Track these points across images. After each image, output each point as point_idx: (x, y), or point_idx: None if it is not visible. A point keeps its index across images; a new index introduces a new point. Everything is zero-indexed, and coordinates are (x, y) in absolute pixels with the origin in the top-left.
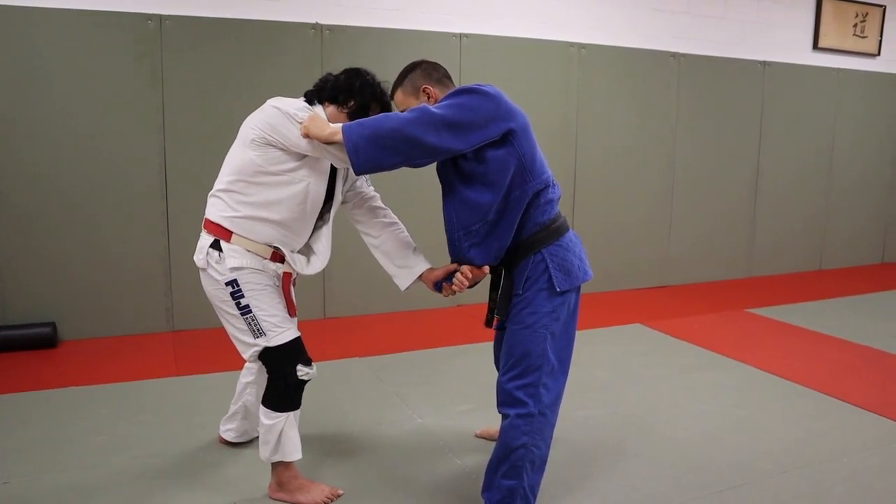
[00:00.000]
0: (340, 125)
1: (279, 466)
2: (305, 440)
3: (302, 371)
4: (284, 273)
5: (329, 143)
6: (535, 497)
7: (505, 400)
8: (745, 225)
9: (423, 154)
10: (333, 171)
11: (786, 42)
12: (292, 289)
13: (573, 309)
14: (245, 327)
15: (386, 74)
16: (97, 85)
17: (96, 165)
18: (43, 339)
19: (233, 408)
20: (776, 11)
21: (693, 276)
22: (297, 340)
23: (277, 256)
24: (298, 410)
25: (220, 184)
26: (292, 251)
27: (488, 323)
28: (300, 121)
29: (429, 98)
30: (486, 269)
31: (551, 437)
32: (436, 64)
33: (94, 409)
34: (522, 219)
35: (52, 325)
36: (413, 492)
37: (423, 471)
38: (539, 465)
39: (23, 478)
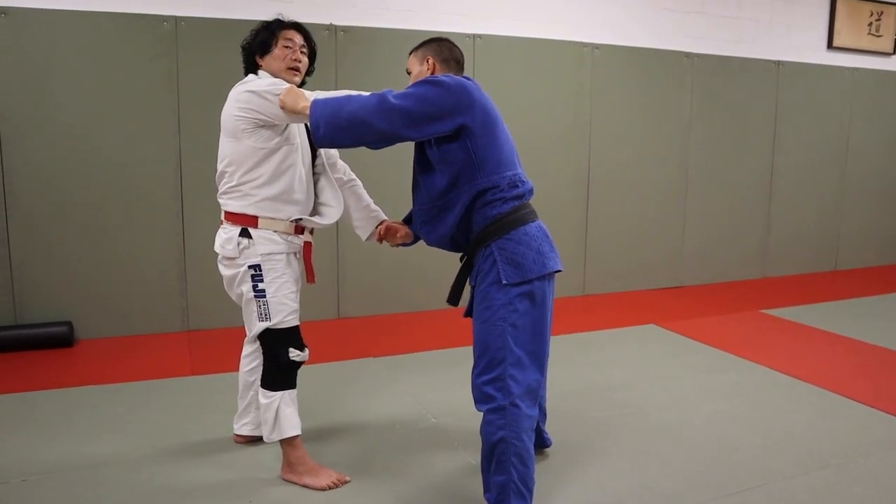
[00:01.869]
0: (311, 100)
1: (286, 447)
2: (319, 437)
3: (293, 353)
4: (305, 243)
5: (302, 114)
6: (529, 490)
7: (477, 397)
8: (760, 225)
9: (376, 138)
10: None
11: (800, 41)
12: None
13: (540, 301)
14: (254, 309)
15: (399, 75)
16: (113, 86)
17: (112, 166)
18: (60, 339)
19: (242, 402)
20: (790, 11)
21: (707, 276)
22: (294, 329)
23: (299, 229)
24: (294, 390)
25: (229, 181)
26: (309, 214)
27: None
28: (277, 93)
29: (428, 69)
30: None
31: (532, 430)
32: (453, 46)
33: (110, 408)
34: (472, 213)
35: (69, 324)
36: (425, 490)
37: (436, 470)
38: (526, 458)
39: (40, 475)
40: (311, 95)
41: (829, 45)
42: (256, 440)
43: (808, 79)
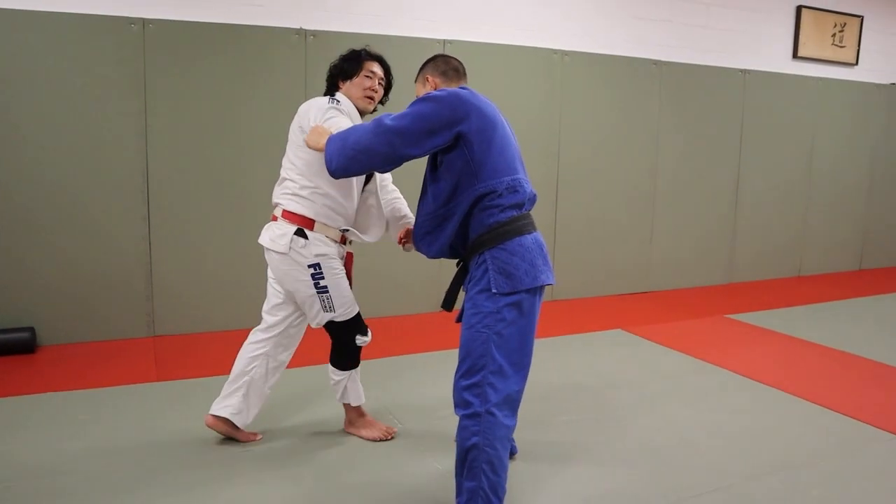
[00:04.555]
0: (328, 137)
1: (348, 408)
2: (286, 441)
3: (360, 339)
4: (348, 253)
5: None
6: (500, 499)
7: (456, 401)
8: (726, 231)
9: (381, 161)
10: None
11: (766, 51)
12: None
13: (528, 312)
14: (318, 303)
15: None
16: (78, 88)
17: (76, 169)
18: (21, 344)
19: (230, 388)
20: (757, 21)
21: (674, 282)
22: (357, 317)
23: (344, 239)
24: (358, 368)
25: (292, 186)
26: (352, 226)
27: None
28: (310, 127)
29: (431, 87)
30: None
31: (507, 439)
32: (448, 58)
33: (73, 415)
34: (469, 219)
35: (31, 329)
36: (391, 494)
37: (403, 474)
38: (498, 467)
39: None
40: (336, 129)
41: (795, 55)
42: (230, 426)
43: (774, 88)
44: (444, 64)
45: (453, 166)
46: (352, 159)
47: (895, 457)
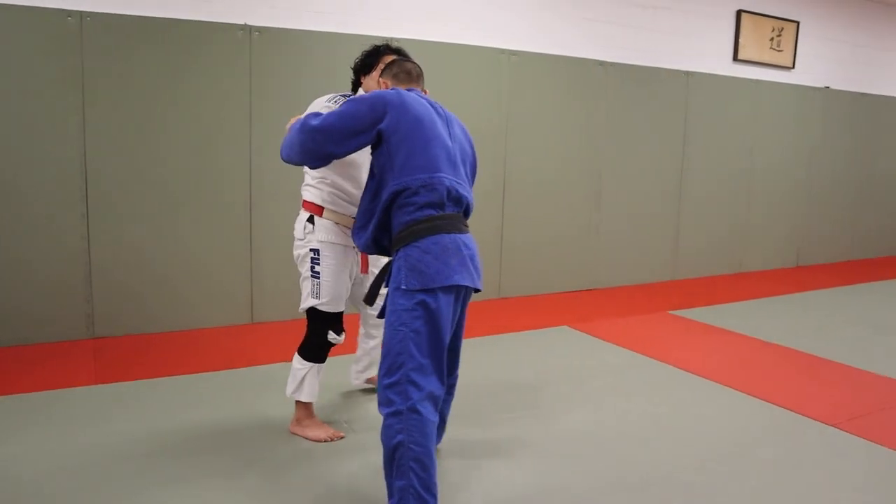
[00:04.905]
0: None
1: (299, 405)
2: (229, 440)
3: (332, 336)
4: None
5: None
6: (433, 494)
7: (380, 399)
8: (670, 230)
9: (311, 157)
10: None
11: (708, 53)
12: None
13: (445, 311)
14: (309, 287)
15: (317, 77)
16: (13, 82)
17: (11, 165)
18: None
19: (359, 365)
20: (699, 24)
21: (620, 279)
22: (338, 315)
23: None
24: (323, 364)
25: (307, 176)
26: None
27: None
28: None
29: (381, 87)
30: None
31: (433, 436)
32: (403, 62)
33: (5, 420)
34: (390, 216)
35: None
36: (334, 493)
37: (345, 473)
38: (427, 463)
39: None
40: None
41: (735, 58)
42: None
43: (716, 89)
44: (397, 67)
45: (378, 163)
46: (293, 151)
47: (827, 444)
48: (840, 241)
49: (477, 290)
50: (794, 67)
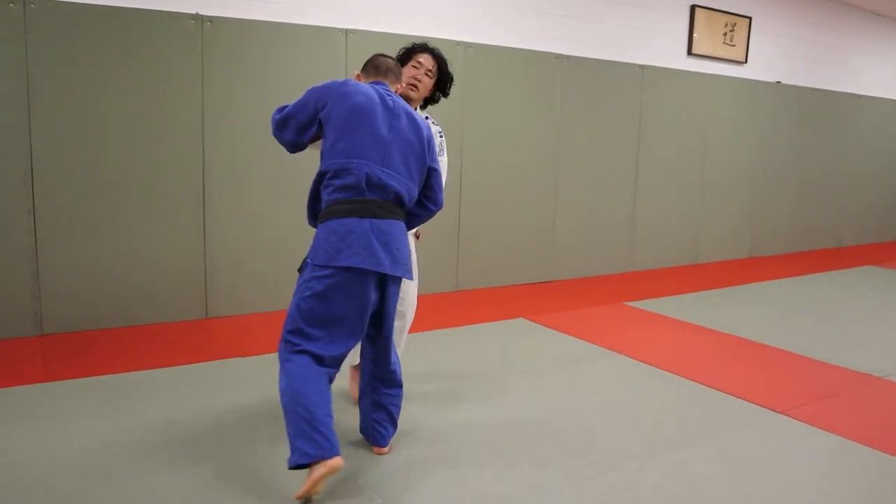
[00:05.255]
0: None
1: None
2: (176, 437)
3: None
4: None
5: None
6: (321, 433)
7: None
8: (626, 222)
9: (284, 143)
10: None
11: (662, 47)
12: None
13: (345, 290)
14: None
15: (270, 68)
16: None
17: None
18: None
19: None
20: (653, 19)
21: (577, 271)
22: None
23: None
24: None
25: None
26: None
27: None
28: None
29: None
30: None
31: (313, 382)
32: (377, 57)
33: None
34: (320, 196)
35: None
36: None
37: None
38: (307, 404)
39: None
40: None
41: (689, 52)
42: None
43: (670, 83)
44: (370, 63)
45: (321, 148)
46: (275, 137)
47: (776, 432)
48: (791, 233)
49: (405, 278)
50: (746, 62)
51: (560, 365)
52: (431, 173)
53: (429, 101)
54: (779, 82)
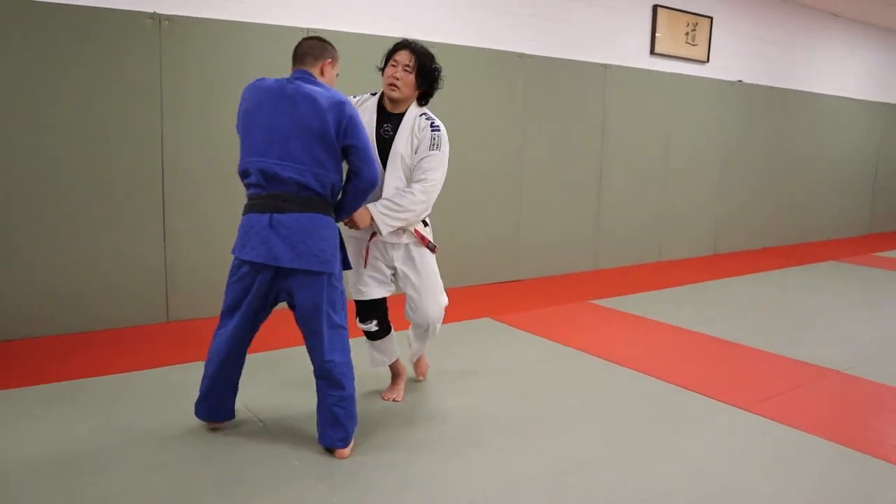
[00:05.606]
0: None
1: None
2: (151, 445)
3: (357, 322)
4: (373, 233)
5: None
6: (208, 379)
7: None
8: (591, 220)
9: None
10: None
11: (625, 47)
12: (372, 246)
13: (249, 280)
14: None
15: (229, 68)
16: None
17: None
18: None
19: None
20: (616, 18)
21: (542, 270)
22: (362, 303)
23: None
24: (375, 341)
25: None
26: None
27: None
28: None
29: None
30: None
31: (221, 350)
32: (299, 44)
33: None
34: None
35: None
36: (254, 488)
37: (263, 471)
38: (207, 366)
39: None
40: None
41: (652, 52)
42: None
43: (633, 82)
44: (294, 52)
45: None
46: None
47: (736, 427)
48: (754, 230)
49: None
50: (708, 61)
51: (524, 365)
52: (350, 150)
53: (425, 96)
54: (740, 81)
